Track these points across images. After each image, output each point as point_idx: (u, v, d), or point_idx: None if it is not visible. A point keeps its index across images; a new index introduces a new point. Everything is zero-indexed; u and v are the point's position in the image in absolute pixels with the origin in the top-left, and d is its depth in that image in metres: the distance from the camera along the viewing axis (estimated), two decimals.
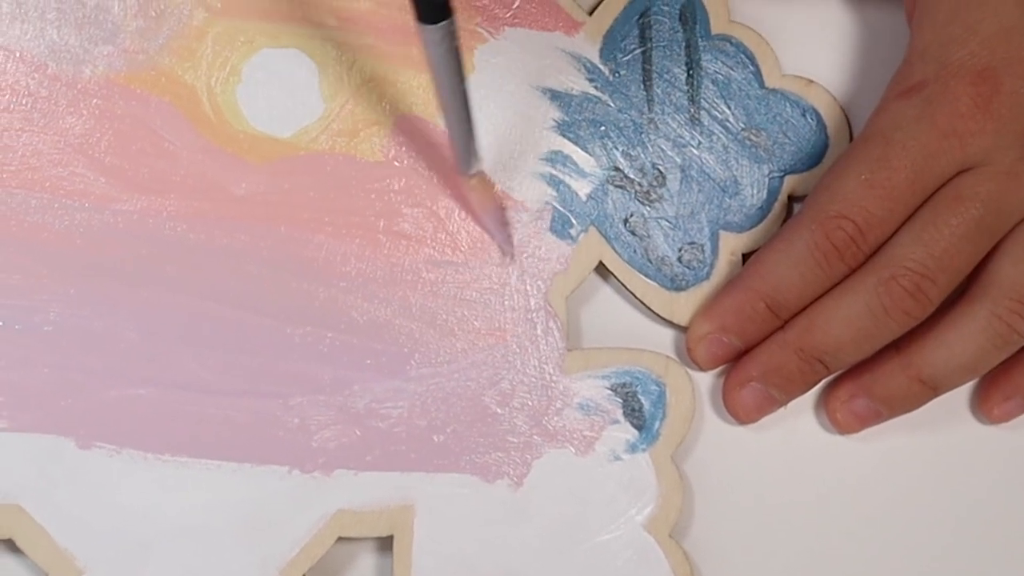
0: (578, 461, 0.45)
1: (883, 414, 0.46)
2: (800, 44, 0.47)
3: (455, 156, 0.43)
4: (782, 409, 0.46)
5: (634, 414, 0.45)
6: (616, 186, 0.46)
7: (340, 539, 0.44)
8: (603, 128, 0.46)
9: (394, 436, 0.44)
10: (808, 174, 0.46)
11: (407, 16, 0.45)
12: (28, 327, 0.44)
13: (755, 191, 0.46)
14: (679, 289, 0.46)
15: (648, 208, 0.46)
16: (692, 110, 0.46)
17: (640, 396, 0.45)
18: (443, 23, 0.38)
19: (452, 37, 0.39)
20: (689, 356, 0.46)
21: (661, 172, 0.46)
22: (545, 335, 0.45)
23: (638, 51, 0.46)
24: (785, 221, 0.46)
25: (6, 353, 0.44)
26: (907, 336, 0.44)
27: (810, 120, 0.46)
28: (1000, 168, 0.44)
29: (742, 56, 0.46)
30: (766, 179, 0.46)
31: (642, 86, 0.46)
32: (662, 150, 0.46)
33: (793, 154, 0.46)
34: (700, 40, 0.46)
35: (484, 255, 0.45)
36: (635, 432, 0.45)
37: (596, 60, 0.46)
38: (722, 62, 0.46)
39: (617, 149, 0.46)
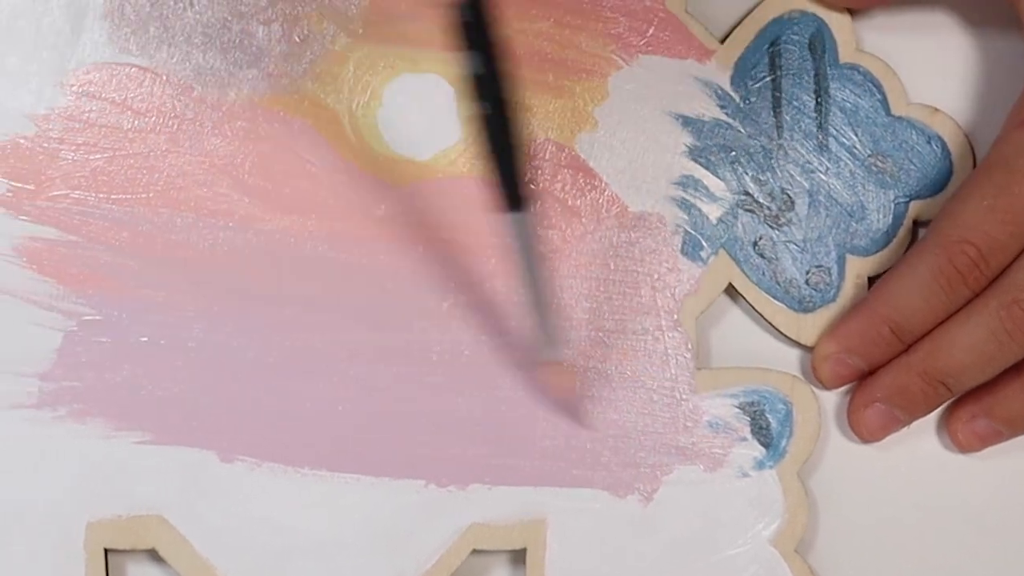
0: (707, 477, 0.46)
1: (1004, 434, 0.47)
2: (926, 73, 0.48)
3: (535, 342, 0.44)
4: (905, 428, 0.47)
5: (761, 432, 0.46)
6: (746, 210, 0.47)
7: (474, 551, 0.45)
8: (733, 153, 0.47)
9: (528, 451, 0.46)
10: (932, 200, 0.47)
11: (544, 42, 0.46)
12: (172, 343, 0.46)
13: (881, 216, 0.47)
14: (806, 311, 0.47)
15: (777, 232, 0.47)
16: (820, 137, 0.47)
17: (767, 414, 0.46)
18: (524, 212, 0.39)
19: (533, 225, 0.40)
20: (814, 375, 0.47)
21: (790, 197, 0.47)
22: (676, 354, 0.46)
23: (768, 79, 0.47)
24: (910, 245, 0.47)
25: (151, 368, 0.46)
26: None
27: (935, 147, 0.48)
28: None
29: (869, 84, 0.47)
30: (892, 204, 0.47)
31: (772, 113, 0.47)
32: (791, 175, 0.47)
33: (918, 180, 0.47)
34: (829, 68, 0.47)
35: (617, 278, 0.46)
36: (762, 449, 0.46)
37: (727, 87, 0.47)
38: (850, 90, 0.47)
39: (747, 174, 0.47)
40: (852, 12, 0.48)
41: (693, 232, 0.47)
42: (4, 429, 0.45)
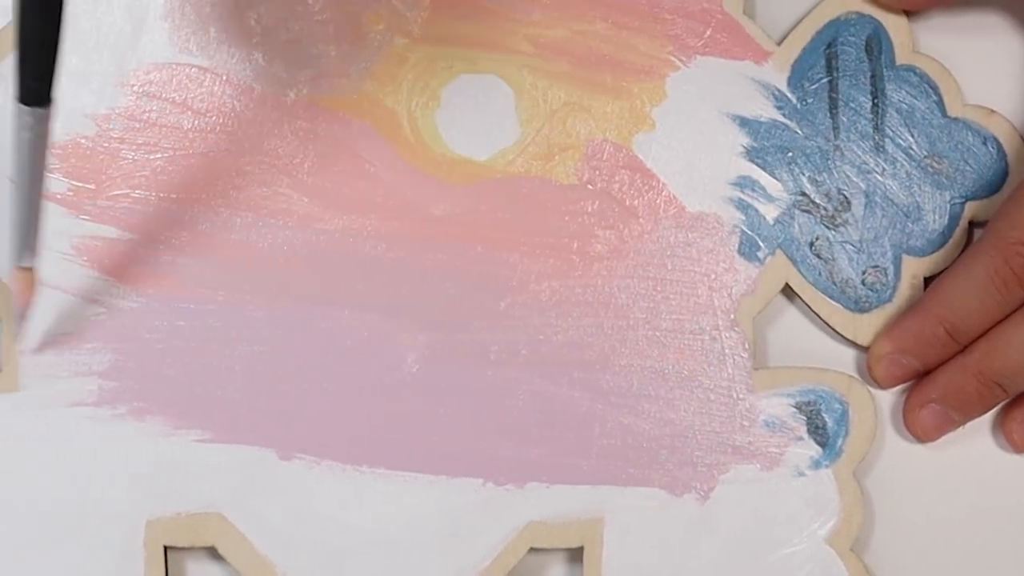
0: (763, 476, 0.46)
1: None
2: (982, 74, 0.48)
3: (13, 244, 0.43)
4: (960, 428, 0.47)
5: (818, 431, 0.46)
6: (802, 210, 0.47)
7: (532, 550, 0.46)
8: (790, 154, 0.47)
9: (586, 450, 0.46)
10: (988, 201, 0.48)
11: (602, 44, 0.47)
12: (231, 342, 0.46)
13: (937, 217, 0.47)
14: (862, 311, 0.47)
15: (833, 232, 0.47)
16: (876, 138, 0.47)
17: (824, 414, 0.46)
18: (42, 108, 0.38)
19: (46, 124, 0.38)
20: (869, 375, 0.47)
21: (846, 197, 0.47)
22: (733, 354, 0.46)
23: (825, 80, 0.47)
24: (966, 246, 0.47)
25: (210, 367, 0.46)
26: None
27: (991, 148, 0.48)
28: None
29: (926, 86, 0.48)
30: (948, 205, 0.47)
31: (828, 114, 0.47)
32: (847, 176, 0.47)
33: (974, 181, 0.48)
34: (885, 70, 0.47)
35: (675, 278, 0.47)
36: (818, 449, 0.46)
37: (784, 88, 0.47)
38: (906, 91, 0.47)
39: (804, 175, 0.47)
40: (908, 14, 0.48)
41: (750, 232, 0.47)
42: (65, 427, 0.46)
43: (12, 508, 0.45)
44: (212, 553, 0.46)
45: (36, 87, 0.38)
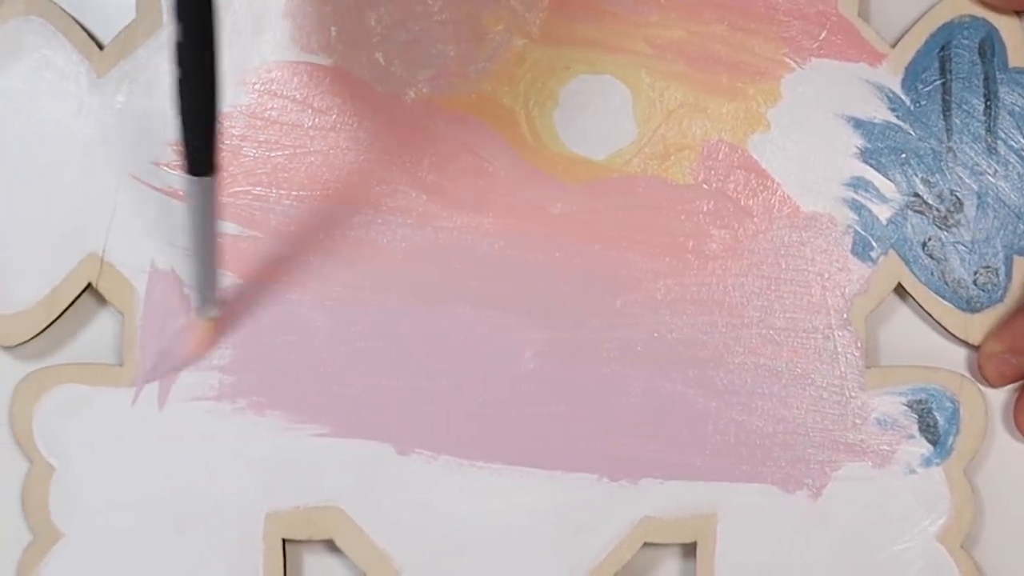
0: (874, 474, 0.47)
1: None
2: None
3: (196, 299, 0.45)
4: None
5: (929, 430, 0.47)
6: (915, 211, 0.48)
7: (645, 544, 0.46)
8: (904, 155, 0.48)
9: (700, 446, 0.46)
10: None
11: (718, 45, 0.47)
12: (350, 337, 0.47)
13: None
14: (974, 311, 0.48)
15: (945, 233, 0.48)
16: (989, 139, 0.48)
17: (935, 412, 0.47)
18: (207, 178, 0.40)
19: (213, 191, 0.41)
20: (980, 373, 0.48)
21: (959, 198, 0.48)
22: (845, 352, 0.47)
23: (938, 82, 0.48)
24: None
25: (329, 362, 0.46)
26: None
27: None
28: None
29: None
30: None
31: (941, 116, 0.48)
32: (960, 177, 0.48)
33: None
34: (998, 72, 0.48)
35: (789, 277, 0.47)
36: (930, 447, 0.47)
37: (898, 90, 0.48)
38: (1019, 94, 0.48)
39: (917, 176, 0.48)
40: (1020, 15, 0.48)
41: (863, 232, 0.47)
42: (186, 421, 0.46)
43: (133, 501, 0.46)
44: (330, 546, 0.47)
45: (201, 159, 0.39)
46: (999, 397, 0.48)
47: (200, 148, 0.39)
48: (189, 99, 0.38)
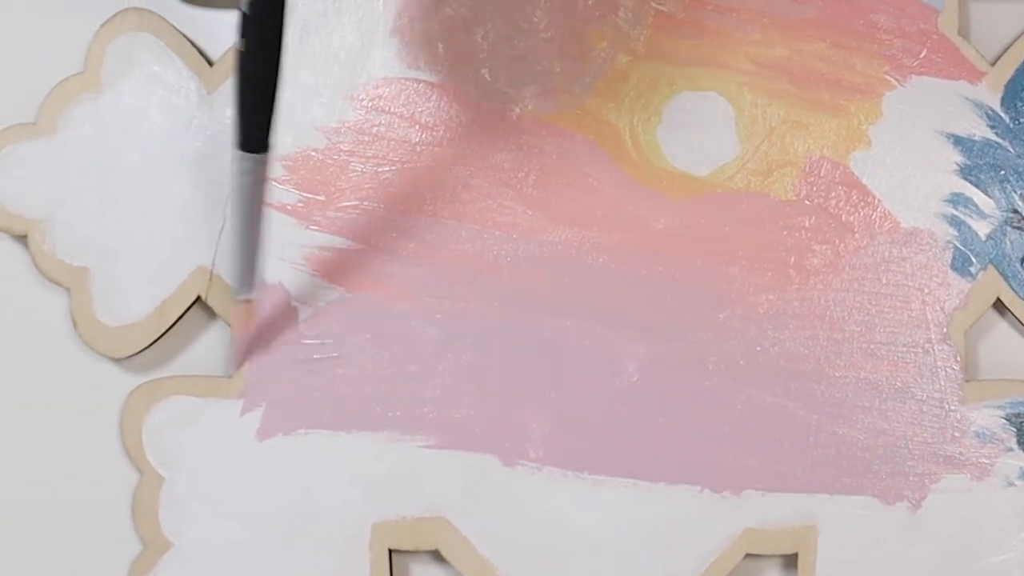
0: (973, 486, 0.47)
1: None
2: None
3: (234, 279, 0.45)
4: None
5: None
6: (1014, 227, 0.48)
7: (747, 556, 0.47)
8: (1003, 172, 0.48)
9: (801, 459, 0.47)
10: None
11: (820, 63, 0.48)
12: (456, 350, 0.47)
13: None
14: None
15: None
16: None
17: None
18: (258, 155, 0.40)
19: (263, 170, 0.41)
20: None
21: None
22: (945, 366, 0.48)
23: None
24: None
25: (435, 373, 0.47)
26: None
27: None
28: None
29: None
30: None
31: None
32: None
33: None
34: None
35: (889, 291, 0.48)
36: None
37: (997, 108, 0.48)
38: None
39: (1016, 192, 0.48)
40: None
41: (963, 248, 0.48)
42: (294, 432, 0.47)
43: (241, 512, 0.47)
44: (436, 556, 0.47)
45: (254, 135, 0.40)
46: None
47: (255, 123, 0.39)
48: (251, 72, 0.38)
